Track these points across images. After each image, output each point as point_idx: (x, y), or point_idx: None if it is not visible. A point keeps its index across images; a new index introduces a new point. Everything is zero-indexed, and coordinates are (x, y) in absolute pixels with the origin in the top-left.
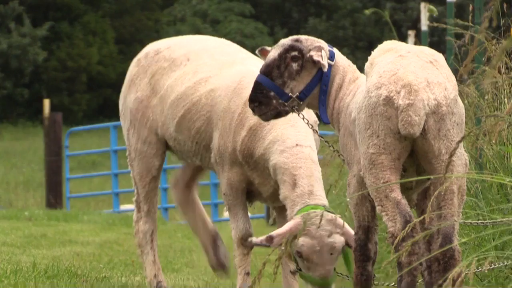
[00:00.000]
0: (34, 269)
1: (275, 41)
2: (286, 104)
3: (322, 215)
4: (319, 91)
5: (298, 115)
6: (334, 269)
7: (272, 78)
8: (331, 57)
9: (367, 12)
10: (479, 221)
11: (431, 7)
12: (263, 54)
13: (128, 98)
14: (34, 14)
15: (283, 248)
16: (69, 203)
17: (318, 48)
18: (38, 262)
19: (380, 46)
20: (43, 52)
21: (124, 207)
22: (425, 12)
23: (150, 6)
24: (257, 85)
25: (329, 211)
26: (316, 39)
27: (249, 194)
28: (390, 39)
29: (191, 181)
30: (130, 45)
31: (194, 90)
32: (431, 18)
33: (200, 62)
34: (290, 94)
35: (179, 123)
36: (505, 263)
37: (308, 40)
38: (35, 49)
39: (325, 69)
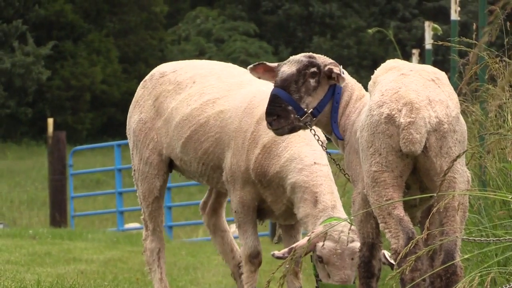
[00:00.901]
0: (38, 287)
1: (280, 60)
2: (301, 119)
3: (344, 224)
4: (330, 108)
5: (310, 131)
6: (354, 282)
7: (289, 92)
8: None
9: (371, 31)
10: (482, 238)
11: (435, 26)
12: (257, 70)
13: (132, 119)
14: (37, 33)
15: (287, 266)
16: (73, 221)
17: (334, 63)
18: (43, 280)
19: (383, 65)
20: (46, 71)
21: (129, 225)
22: (429, 31)
23: (154, 25)
24: (275, 98)
25: (350, 223)
26: (323, 56)
27: (261, 212)
28: (394, 57)
29: (216, 205)
30: (134, 64)
31: (201, 111)
32: (435, 37)
33: (207, 84)
34: (305, 109)
35: (185, 144)
36: (507, 278)
37: (320, 57)
38: (38, 68)
39: (344, 83)
